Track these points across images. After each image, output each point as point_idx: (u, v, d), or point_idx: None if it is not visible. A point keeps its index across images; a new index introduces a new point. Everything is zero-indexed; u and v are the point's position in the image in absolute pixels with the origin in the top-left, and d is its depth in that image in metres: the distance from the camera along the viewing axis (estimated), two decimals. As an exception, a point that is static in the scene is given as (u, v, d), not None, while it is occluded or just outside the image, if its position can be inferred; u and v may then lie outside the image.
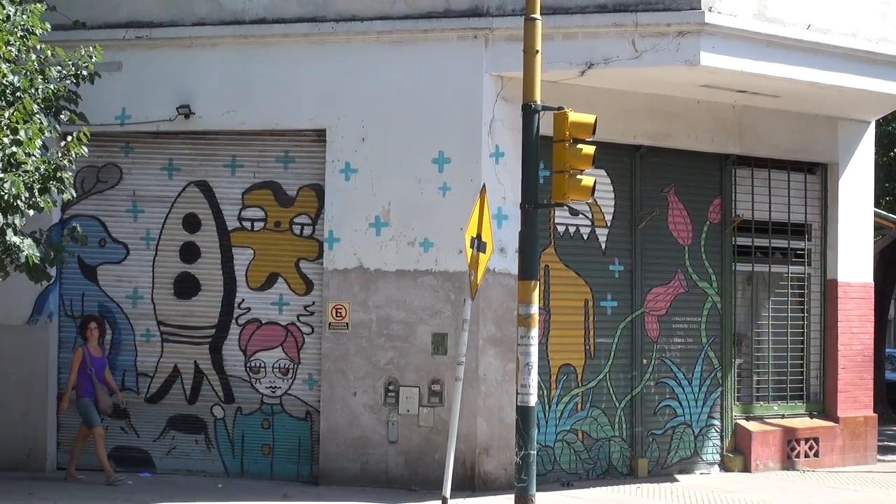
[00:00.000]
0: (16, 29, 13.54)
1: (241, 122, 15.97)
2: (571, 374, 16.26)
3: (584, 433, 16.34)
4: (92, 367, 15.41)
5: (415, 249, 15.39)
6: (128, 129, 16.21)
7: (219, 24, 15.97)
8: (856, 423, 18.73)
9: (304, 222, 16.01)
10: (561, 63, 14.85)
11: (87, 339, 15.59)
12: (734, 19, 14.87)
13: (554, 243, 16.16)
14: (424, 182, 15.36)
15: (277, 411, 15.97)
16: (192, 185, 16.31)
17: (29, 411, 16.22)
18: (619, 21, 14.85)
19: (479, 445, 15.16)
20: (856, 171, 18.75)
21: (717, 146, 17.33)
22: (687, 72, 15.12)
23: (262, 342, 16.06)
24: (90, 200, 16.45)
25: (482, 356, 15.22)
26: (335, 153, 15.67)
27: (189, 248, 16.30)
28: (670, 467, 16.96)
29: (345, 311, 15.56)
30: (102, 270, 16.45)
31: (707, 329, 17.44)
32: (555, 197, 12.92)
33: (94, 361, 15.47)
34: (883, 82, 16.49)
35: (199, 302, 16.25)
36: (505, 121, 15.21)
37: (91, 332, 15.61)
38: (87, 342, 15.57)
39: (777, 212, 18.24)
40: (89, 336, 15.60)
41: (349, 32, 15.60)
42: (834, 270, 18.61)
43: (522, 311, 12.76)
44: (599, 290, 16.54)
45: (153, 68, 16.11)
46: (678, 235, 17.24)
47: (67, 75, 14.22)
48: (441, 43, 15.44)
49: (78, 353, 15.49)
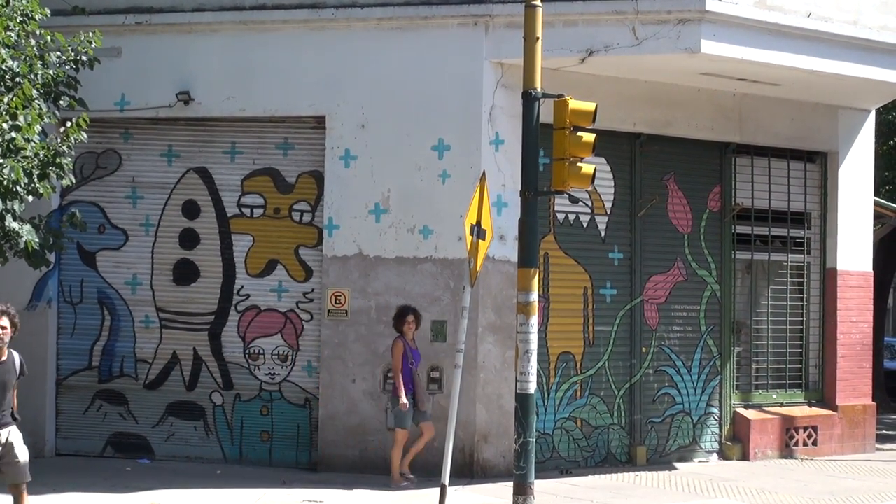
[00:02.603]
0: (15, 14, 13.53)
1: (240, 109, 15.95)
2: (570, 361, 16.26)
3: (582, 421, 16.35)
4: (413, 361, 14.64)
5: (414, 236, 15.38)
6: (127, 115, 16.19)
7: (218, 10, 15.94)
8: (854, 412, 18.74)
9: (303, 209, 16.00)
10: (561, 50, 14.83)
11: (405, 332, 14.69)
12: (735, 7, 14.85)
13: (553, 231, 16.15)
14: (424, 169, 15.34)
15: (276, 398, 15.97)
16: (192, 172, 16.29)
17: (28, 397, 16.09)
18: (620, 8, 14.83)
19: (477, 433, 15.17)
20: (856, 160, 18.73)
21: (717, 134, 17.32)
22: (687, 59, 15.10)
23: (262, 329, 16.05)
24: (89, 186, 16.43)
25: (481, 343, 15.22)
26: (335, 140, 15.65)
27: (188, 235, 16.28)
28: (669, 455, 16.97)
29: (344, 298, 15.55)
30: (101, 256, 16.44)
31: (706, 317, 17.44)
32: (555, 184, 12.89)
33: (413, 354, 14.70)
34: (883, 70, 16.47)
35: (198, 288, 16.24)
36: (505, 108, 15.20)
37: (409, 324, 14.64)
38: (405, 334, 14.70)
39: (777, 200, 18.23)
40: (407, 329, 14.68)
41: (349, 19, 15.57)
42: (833, 259, 18.62)
43: (522, 298, 12.74)
44: (599, 278, 16.54)
45: (153, 54, 16.08)
46: (678, 223, 17.23)
47: (67, 61, 14.19)
48: (441, 30, 15.41)
49: (399, 345, 14.62)
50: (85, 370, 16.36)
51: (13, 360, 11.11)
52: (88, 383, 16.35)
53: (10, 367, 11.03)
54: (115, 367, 16.28)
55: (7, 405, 11.09)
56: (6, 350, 11.01)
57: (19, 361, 11.15)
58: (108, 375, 16.33)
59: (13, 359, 11.12)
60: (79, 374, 16.37)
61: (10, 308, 11.02)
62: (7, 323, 10.92)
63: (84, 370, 16.36)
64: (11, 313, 10.99)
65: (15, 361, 11.11)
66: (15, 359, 11.13)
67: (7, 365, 11.02)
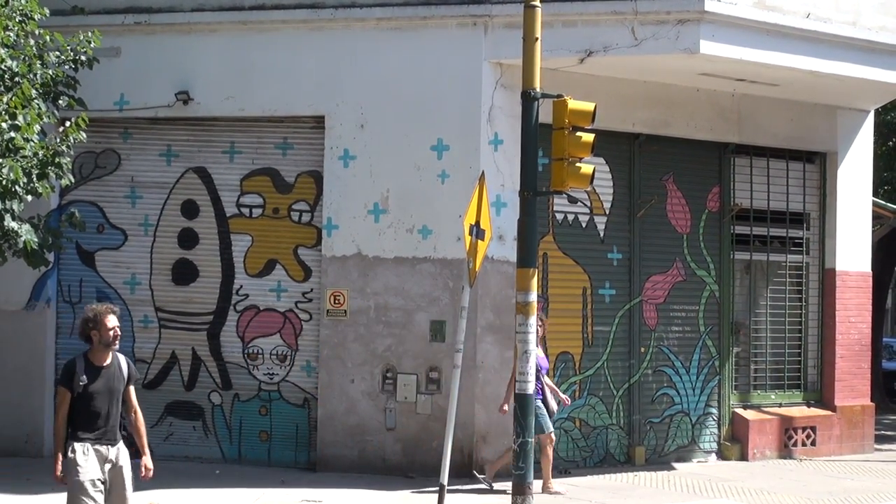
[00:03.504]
0: (14, 14, 13.52)
1: (239, 109, 15.95)
2: (569, 361, 16.27)
3: (581, 421, 16.36)
4: (540, 366, 14.17)
5: (413, 236, 15.38)
6: (126, 115, 16.19)
7: (218, 10, 15.94)
8: (853, 412, 18.75)
9: (302, 209, 16.00)
10: (560, 51, 14.84)
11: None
12: (734, 7, 14.85)
13: (552, 231, 16.16)
14: (423, 169, 15.35)
15: (275, 398, 15.97)
16: (191, 172, 16.30)
17: (27, 397, 16.22)
18: (619, 9, 14.84)
19: (476, 433, 15.18)
20: (855, 161, 18.74)
21: (715, 134, 17.32)
22: (686, 60, 15.11)
23: (260, 329, 16.06)
24: (88, 186, 16.43)
25: (480, 343, 15.22)
26: (334, 140, 15.65)
27: (187, 235, 16.29)
28: (668, 455, 16.98)
29: (343, 298, 15.56)
30: (100, 256, 16.44)
31: (705, 317, 17.44)
32: (554, 185, 12.90)
33: (540, 360, 14.20)
34: (882, 71, 16.47)
35: (197, 288, 16.24)
36: (504, 108, 15.20)
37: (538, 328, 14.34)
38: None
39: (775, 200, 18.24)
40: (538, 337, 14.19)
41: (348, 19, 15.58)
42: (832, 259, 18.62)
43: (521, 298, 12.74)
44: (598, 278, 16.54)
45: (152, 54, 16.08)
46: (677, 224, 17.24)
47: (66, 60, 14.18)
48: (440, 30, 15.42)
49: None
50: (84, 370, 16.34)
51: (118, 363, 9.69)
52: (87, 383, 16.33)
53: (114, 373, 9.61)
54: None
55: (114, 417, 9.63)
56: (110, 353, 9.66)
57: (126, 364, 9.76)
58: (107, 375, 16.32)
59: (118, 362, 9.70)
60: (78, 374, 16.35)
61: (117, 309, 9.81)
62: (118, 323, 9.67)
63: (83, 370, 16.34)
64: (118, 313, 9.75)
65: (121, 365, 9.70)
66: (121, 362, 9.72)
67: (111, 370, 9.60)
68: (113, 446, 9.54)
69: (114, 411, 9.55)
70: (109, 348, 9.55)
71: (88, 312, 9.60)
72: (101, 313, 9.53)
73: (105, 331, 9.50)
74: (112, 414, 9.54)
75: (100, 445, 9.47)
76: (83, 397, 9.43)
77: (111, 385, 9.53)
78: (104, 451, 9.48)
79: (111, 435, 9.54)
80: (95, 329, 9.51)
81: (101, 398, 9.46)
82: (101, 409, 9.46)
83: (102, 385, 9.48)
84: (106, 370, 9.54)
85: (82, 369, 9.49)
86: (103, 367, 9.54)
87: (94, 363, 9.55)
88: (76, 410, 9.45)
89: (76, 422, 9.44)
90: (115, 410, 9.57)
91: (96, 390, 9.45)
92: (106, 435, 9.50)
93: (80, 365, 9.52)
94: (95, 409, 9.45)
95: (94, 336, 9.53)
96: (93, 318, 9.53)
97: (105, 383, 9.50)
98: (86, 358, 9.57)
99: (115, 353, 9.64)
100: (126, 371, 9.67)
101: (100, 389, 9.46)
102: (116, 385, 9.56)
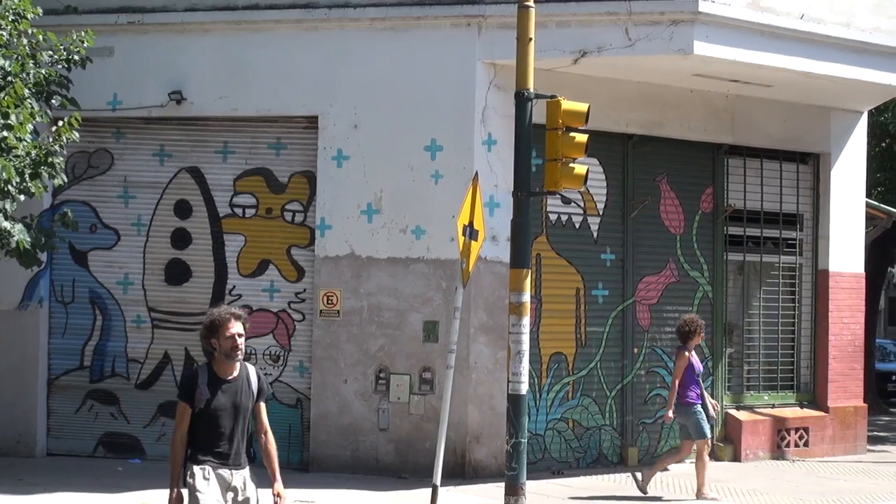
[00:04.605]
0: (7, 13, 13.50)
1: (233, 109, 15.93)
2: (562, 362, 16.27)
3: (574, 422, 16.35)
4: (698, 373, 14.44)
5: (406, 237, 15.37)
6: (119, 115, 16.16)
7: (211, 10, 15.92)
8: (846, 413, 18.76)
9: (295, 209, 15.98)
10: (554, 51, 14.83)
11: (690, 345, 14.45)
12: (728, 8, 14.86)
13: (546, 231, 16.15)
14: (417, 169, 15.34)
15: (268, 398, 15.92)
16: (184, 172, 16.27)
17: (19, 397, 16.19)
18: (613, 9, 14.83)
19: (469, 433, 15.17)
20: (848, 162, 18.75)
21: (709, 135, 17.33)
22: (680, 61, 15.11)
23: (253, 329, 15.89)
24: (81, 186, 16.40)
25: (473, 344, 15.21)
26: (327, 140, 15.64)
27: (180, 235, 16.26)
28: (660, 456, 16.96)
29: (336, 298, 15.54)
30: (93, 256, 16.41)
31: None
32: (547, 185, 12.88)
33: (696, 366, 14.46)
34: (876, 72, 16.50)
35: (190, 288, 16.22)
36: (498, 108, 15.19)
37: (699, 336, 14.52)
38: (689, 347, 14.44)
39: (769, 201, 18.25)
40: (696, 340, 14.51)
41: (342, 19, 15.56)
42: (825, 260, 18.63)
43: (514, 299, 12.73)
44: (591, 279, 16.54)
45: (145, 54, 16.05)
46: (670, 224, 17.24)
47: (59, 60, 14.16)
48: (434, 30, 15.41)
49: (685, 356, 14.36)
50: (76, 370, 16.33)
51: (246, 376, 8.39)
52: (80, 383, 16.31)
53: (241, 387, 8.32)
54: (107, 367, 16.26)
55: (240, 438, 8.32)
56: (237, 364, 8.34)
57: (257, 377, 8.44)
58: (100, 375, 16.31)
59: (246, 375, 8.39)
60: (70, 374, 16.34)
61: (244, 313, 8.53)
62: (243, 330, 8.35)
63: (75, 370, 16.33)
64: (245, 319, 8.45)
65: (250, 378, 8.40)
66: (250, 375, 8.41)
67: (238, 383, 8.31)
68: (238, 471, 8.29)
69: (239, 431, 8.30)
70: (232, 360, 8.27)
71: (209, 318, 8.34)
72: (220, 319, 8.25)
73: (225, 340, 8.22)
74: (237, 434, 8.29)
75: (223, 470, 8.22)
76: (204, 414, 8.18)
77: (237, 401, 8.27)
78: (227, 476, 8.23)
79: (236, 458, 8.29)
80: (215, 337, 8.26)
81: (225, 416, 8.22)
82: (224, 428, 8.22)
83: (227, 401, 8.23)
84: (231, 384, 8.27)
85: (204, 382, 8.23)
86: (228, 380, 8.28)
87: (219, 375, 8.28)
88: (196, 429, 8.20)
89: (196, 442, 8.21)
90: (242, 430, 8.33)
91: (220, 407, 8.20)
92: (230, 458, 8.25)
93: (202, 377, 8.26)
94: (218, 429, 8.21)
95: (214, 345, 8.29)
96: (210, 326, 8.28)
97: (230, 399, 8.24)
98: (209, 369, 8.31)
99: (244, 364, 8.40)
100: (256, 385, 8.40)
101: (224, 406, 8.22)
102: (243, 401, 8.30)
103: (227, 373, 8.28)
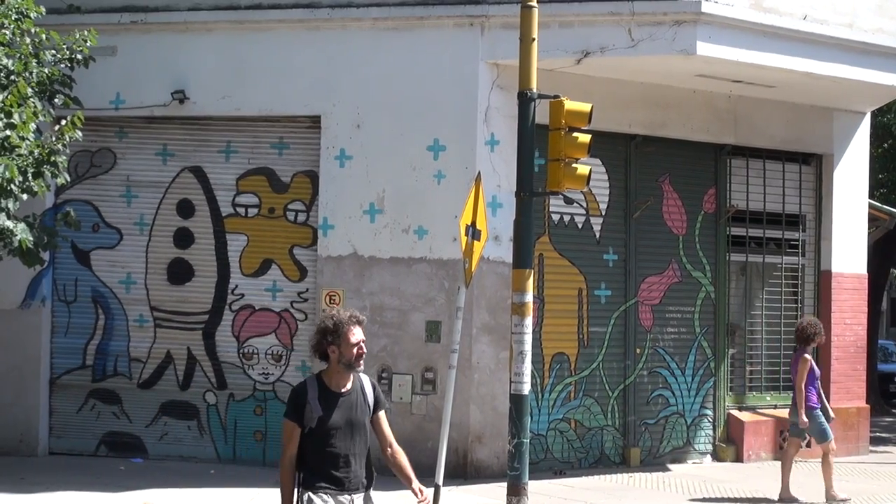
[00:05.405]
0: (10, 12, 13.50)
1: (235, 108, 15.93)
2: (565, 362, 16.26)
3: (576, 422, 16.35)
4: (817, 376, 14.67)
5: (409, 237, 15.37)
6: (122, 114, 16.17)
7: (214, 10, 15.92)
8: (848, 414, 18.74)
9: (298, 209, 15.99)
10: (557, 51, 14.83)
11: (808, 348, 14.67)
12: (731, 9, 14.85)
13: (548, 232, 16.15)
14: (419, 169, 15.34)
15: (270, 398, 15.95)
16: (187, 171, 16.28)
17: (21, 396, 16.19)
18: (616, 10, 14.83)
19: (471, 433, 15.16)
20: (851, 163, 18.75)
21: (712, 136, 17.32)
22: (683, 61, 15.11)
23: (256, 328, 16.04)
24: (84, 185, 16.41)
25: (476, 344, 15.21)
26: (330, 140, 15.64)
27: (183, 234, 16.27)
28: (662, 457, 16.97)
29: (338, 298, 15.54)
30: (96, 255, 16.41)
31: (700, 319, 17.44)
32: (550, 185, 12.87)
33: (816, 371, 14.68)
34: (878, 73, 16.48)
35: (192, 288, 16.22)
36: (500, 109, 15.19)
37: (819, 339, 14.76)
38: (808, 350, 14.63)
39: (772, 202, 18.25)
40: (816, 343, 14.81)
41: (345, 19, 15.56)
42: (828, 261, 18.62)
43: (516, 299, 12.72)
44: (593, 279, 16.53)
45: (148, 53, 16.06)
46: (672, 225, 17.23)
47: (62, 59, 14.16)
48: (437, 30, 15.41)
49: (807, 361, 14.49)
50: (79, 369, 16.33)
51: (360, 386, 7.52)
52: (82, 382, 16.32)
53: (356, 400, 7.45)
54: (109, 366, 16.26)
55: (358, 458, 7.43)
56: (351, 375, 7.46)
57: (372, 387, 7.59)
58: (102, 374, 16.31)
59: (360, 385, 7.53)
60: (72, 373, 16.34)
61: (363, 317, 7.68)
62: (364, 336, 7.52)
63: (78, 369, 16.33)
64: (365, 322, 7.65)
65: (365, 390, 7.53)
66: (364, 385, 7.55)
67: (353, 396, 7.44)
68: (357, 495, 7.44)
69: (357, 450, 7.41)
70: (352, 370, 7.45)
71: (328, 321, 7.46)
72: (343, 323, 7.41)
73: (348, 347, 7.39)
74: (355, 453, 7.41)
75: (341, 495, 7.35)
76: (317, 434, 7.31)
77: (353, 416, 7.39)
78: (346, 502, 7.39)
79: (355, 482, 7.41)
80: (335, 344, 7.41)
81: (341, 434, 7.34)
82: (340, 448, 7.34)
83: (342, 417, 7.36)
84: (346, 397, 7.41)
85: (315, 397, 7.38)
86: (342, 393, 7.42)
87: (331, 388, 7.43)
88: (308, 451, 7.34)
89: (309, 465, 7.34)
90: (360, 449, 7.44)
91: (335, 425, 7.33)
92: (348, 482, 7.38)
93: (311, 391, 7.41)
94: (334, 449, 7.33)
95: (332, 353, 7.42)
96: (333, 330, 7.41)
97: (345, 415, 7.37)
98: (319, 381, 7.45)
99: (357, 373, 7.53)
100: (372, 397, 7.54)
101: (339, 423, 7.34)
102: (360, 417, 7.42)
103: (341, 385, 7.44)
